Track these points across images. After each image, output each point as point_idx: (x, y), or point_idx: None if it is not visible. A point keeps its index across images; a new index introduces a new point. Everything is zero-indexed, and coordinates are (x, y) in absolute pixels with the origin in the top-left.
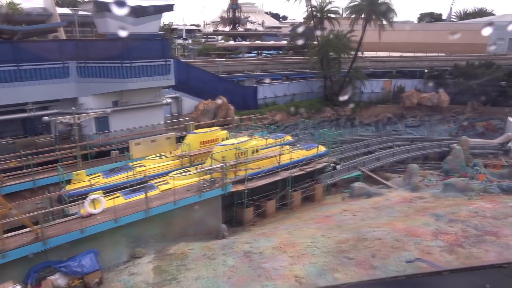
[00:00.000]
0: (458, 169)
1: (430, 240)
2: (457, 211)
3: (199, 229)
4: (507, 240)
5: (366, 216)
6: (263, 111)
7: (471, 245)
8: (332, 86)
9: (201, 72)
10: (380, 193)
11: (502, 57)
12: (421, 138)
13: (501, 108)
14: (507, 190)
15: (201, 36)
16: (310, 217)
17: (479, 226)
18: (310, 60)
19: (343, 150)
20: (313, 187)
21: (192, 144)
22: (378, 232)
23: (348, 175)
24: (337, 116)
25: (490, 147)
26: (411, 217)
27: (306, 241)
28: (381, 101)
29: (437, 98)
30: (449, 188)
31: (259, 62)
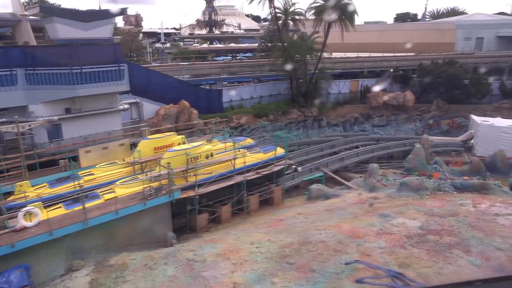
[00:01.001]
0: (419, 168)
1: (373, 241)
2: (405, 210)
3: (147, 238)
4: (449, 239)
5: (317, 218)
6: (229, 114)
7: (413, 246)
8: (298, 88)
9: (162, 77)
10: (338, 194)
11: (469, 55)
12: (386, 138)
13: (465, 106)
14: (461, 188)
15: (179, 39)
16: (264, 221)
17: (425, 225)
18: (275, 62)
19: (308, 151)
20: (271, 190)
21: (145, 150)
22: (323, 234)
23: (310, 176)
24: (304, 118)
25: (454, 144)
26: (359, 218)
27: (251, 246)
28: (349, 102)
29: (403, 97)
30: (404, 188)
31: (226, 65)
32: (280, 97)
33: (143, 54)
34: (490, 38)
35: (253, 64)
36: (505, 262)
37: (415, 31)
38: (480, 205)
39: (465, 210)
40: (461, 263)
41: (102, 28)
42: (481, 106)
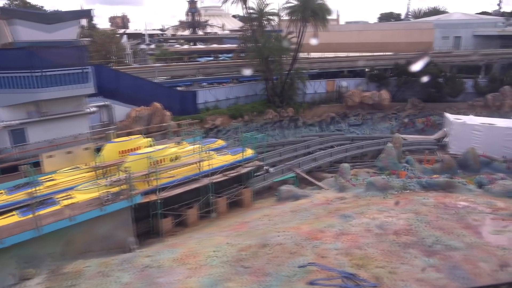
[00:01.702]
0: (391, 167)
1: (330, 243)
2: (366, 210)
3: (107, 244)
4: (406, 239)
5: (280, 220)
6: (203, 115)
7: (369, 246)
8: (273, 88)
9: (134, 79)
10: (307, 195)
11: (447, 54)
12: (361, 137)
13: (440, 104)
14: (427, 186)
15: (163, 40)
16: (228, 224)
17: (384, 225)
18: (250, 62)
19: (282, 152)
20: (240, 192)
21: (110, 154)
22: (281, 237)
23: (281, 177)
24: (280, 118)
25: (428, 143)
26: (320, 219)
27: (210, 250)
28: (325, 101)
29: (378, 96)
30: (371, 187)
31: (201, 66)
32: (256, 97)
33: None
34: (467, 37)
35: (229, 64)
36: (460, 261)
37: (394, 30)
38: (442, 203)
39: (426, 209)
40: (415, 263)
41: (67, 30)
42: (455, 104)
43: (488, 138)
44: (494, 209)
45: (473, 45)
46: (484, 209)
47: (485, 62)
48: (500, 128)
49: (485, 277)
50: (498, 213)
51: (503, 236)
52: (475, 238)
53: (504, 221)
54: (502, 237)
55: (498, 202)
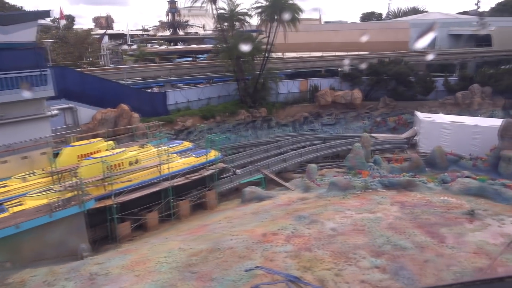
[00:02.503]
0: (359, 166)
1: (280, 245)
2: (322, 211)
3: (60, 251)
4: (356, 240)
5: (239, 222)
6: (174, 117)
7: (319, 248)
8: (246, 89)
9: (100, 80)
10: (271, 196)
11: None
12: (333, 136)
13: (412, 103)
14: (388, 185)
15: (143, 41)
16: (188, 228)
17: (337, 226)
18: (222, 63)
19: (253, 153)
20: (203, 195)
21: (68, 158)
22: (233, 240)
23: (249, 179)
24: (252, 118)
25: (398, 141)
26: (276, 221)
27: (161, 256)
28: (298, 101)
29: (351, 95)
30: (333, 187)
31: (173, 67)
32: (229, 98)
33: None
34: (442, 36)
35: (202, 65)
36: (407, 261)
37: (371, 30)
38: (399, 202)
39: (382, 209)
40: (362, 264)
41: (25, 31)
42: (426, 103)
43: (457, 136)
44: (448, 208)
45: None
46: (438, 207)
47: (459, 61)
48: (468, 126)
49: (429, 277)
50: (452, 212)
51: (452, 235)
52: (425, 238)
53: (456, 220)
54: (452, 236)
55: (453, 200)
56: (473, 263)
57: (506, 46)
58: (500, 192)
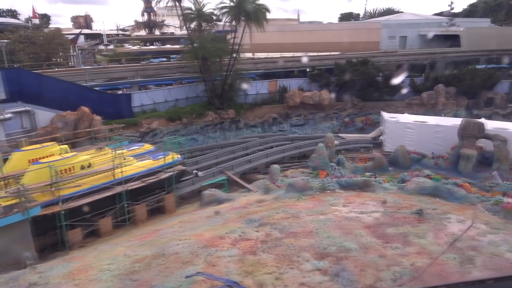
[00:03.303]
0: (322, 166)
1: (226, 250)
2: (274, 214)
3: (3, 259)
4: (302, 242)
5: (191, 227)
6: (139, 119)
7: (265, 251)
8: (213, 90)
9: (59, 82)
10: (231, 198)
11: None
12: (301, 137)
13: (379, 103)
14: (346, 186)
15: (118, 41)
16: (141, 233)
17: (286, 228)
18: (189, 63)
19: (218, 154)
20: (160, 198)
21: (18, 163)
22: (180, 245)
23: (211, 181)
24: (220, 120)
25: (364, 141)
26: (226, 225)
27: (104, 263)
28: (267, 102)
29: (319, 96)
30: (291, 189)
31: (140, 68)
32: (197, 99)
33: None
34: (413, 36)
35: (170, 66)
36: (350, 263)
37: (344, 30)
38: (351, 203)
39: (333, 210)
40: (304, 267)
41: None
42: (393, 103)
43: (420, 136)
44: (398, 208)
45: (418, 44)
46: (389, 208)
47: (429, 61)
48: (430, 125)
49: (369, 278)
50: (401, 212)
51: (398, 235)
52: (371, 238)
53: (404, 219)
54: (397, 236)
55: (405, 200)
56: (414, 263)
57: (474, 46)
58: (452, 192)
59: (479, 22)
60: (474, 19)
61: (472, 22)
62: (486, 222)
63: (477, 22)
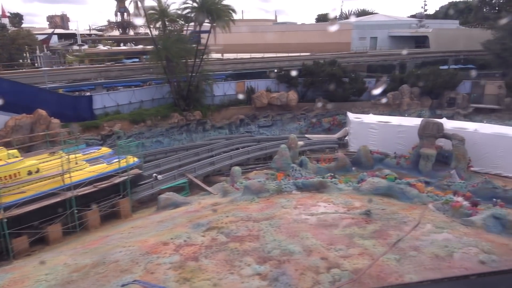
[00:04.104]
0: (285, 168)
1: (167, 256)
2: (223, 217)
3: None
4: (247, 247)
5: (140, 232)
6: (100, 122)
7: (207, 256)
8: (179, 91)
9: (13, 84)
10: (187, 202)
11: (362, 54)
12: (267, 138)
13: (346, 104)
14: (302, 187)
15: (96, 41)
16: (90, 240)
17: (233, 232)
18: (150, 65)
19: (182, 157)
20: (114, 203)
21: None
22: (122, 252)
23: (171, 184)
24: (186, 122)
25: (330, 141)
26: (174, 230)
27: (42, 273)
28: (235, 103)
29: (286, 97)
30: (247, 191)
31: (103, 69)
32: (164, 101)
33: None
34: (383, 37)
35: (134, 67)
36: (291, 266)
37: (315, 31)
38: (302, 205)
39: (284, 212)
40: (244, 272)
41: None
42: (360, 103)
43: (383, 136)
44: (348, 209)
45: (388, 45)
46: (339, 209)
47: (398, 62)
48: (393, 126)
49: (308, 282)
50: (350, 213)
51: (343, 236)
52: (316, 240)
53: (351, 220)
54: (342, 237)
55: (356, 201)
56: (354, 265)
57: (442, 47)
58: (404, 191)
59: (447, 24)
60: (443, 21)
61: (441, 23)
62: (432, 222)
63: (445, 24)
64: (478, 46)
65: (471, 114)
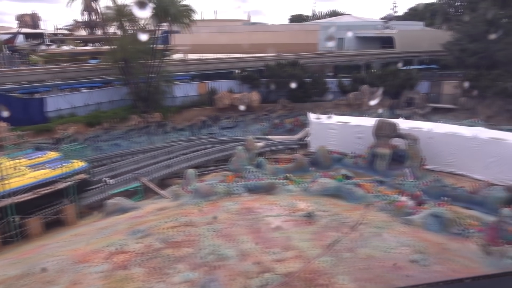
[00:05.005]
0: (241, 169)
1: (96, 265)
2: (163, 223)
3: None
4: (182, 253)
5: (77, 240)
6: (53, 125)
7: (139, 264)
8: (137, 93)
9: None
10: (136, 207)
11: (328, 54)
12: (230, 139)
13: (308, 104)
14: (252, 189)
15: (59, 41)
16: (25, 249)
17: (170, 238)
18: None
19: (139, 160)
20: (57, 210)
21: None
22: (51, 263)
23: (123, 188)
24: (145, 124)
25: (291, 142)
26: (110, 237)
27: None
28: (197, 104)
29: (248, 98)
30: (196, 194)
31: (59, 71)
32: (123, 103)
33: None
34: (349, 38)
35: (92, 68)
36: (222, 272)
37: (282, 32)
38: (246, 208)
39: (226, 217)
40: (174, 280)
41: None
42: (322, 104)
43: (342, 136)
44: (292, 211)
45: (355, 46)
46: (282, 211)
47: (364, 62)
48: (351, 126)
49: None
50: (293, 215)
51: (281, 239)
52: (252, 244)
53: (293, 223)
54: (280, 240)
55: (302, 203)
56: (287, 268)
57: (407, 47)
58: (351, 192)
59: (412, 25)
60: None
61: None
62: (372, 222)
63: (410, 25)
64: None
65: (429, 113)
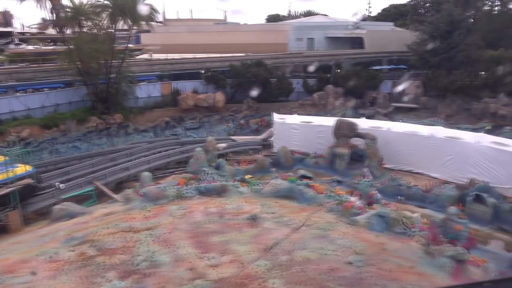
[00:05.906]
0: (200, 171)
1: (22, 276)
2: (102, 229)
3: None
4: (116, 260)
5: (13, 249)
6: (6, 127)
7: (68, 273)
8: (97, 94)
9: None
10: (85, 212)
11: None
12: (194, 141)
13: (274, 104)
14: (205, 191)
15: (27, 40)
16: None
17: (106, 245)
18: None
19: (96, 163)
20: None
21: None
22: None
23: (76, 192)
24: (106, 125)
25: (254, 143)
26: (44, 245)
27: None
28: (160, 105)
29: (213, 98)
30: (145, 198)
31: (14, 71)
32: (83, 104)
33: None
34: (320, 38)
35: (49, 69)
36: (153, 280)
37: (253, 32)
38: (191, 212)
39: (169, 221)
40: None
41: None
42: (288, 104)
43: (305, 136)
44: (238, 214)
45: (325, 46)
46: (227, 215)
47: (333, 62)
48: (313, 126)
49: None
50: (237, 218)
51: (220, 244)
52: (191, 249)
53: (235, 226)
54: (218, 245)
55: (249, 205)
56: (221, 274)
57: (376, 48)
58: (303, 193)
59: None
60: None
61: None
62: (316, 223)
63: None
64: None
65: (392, 113)
